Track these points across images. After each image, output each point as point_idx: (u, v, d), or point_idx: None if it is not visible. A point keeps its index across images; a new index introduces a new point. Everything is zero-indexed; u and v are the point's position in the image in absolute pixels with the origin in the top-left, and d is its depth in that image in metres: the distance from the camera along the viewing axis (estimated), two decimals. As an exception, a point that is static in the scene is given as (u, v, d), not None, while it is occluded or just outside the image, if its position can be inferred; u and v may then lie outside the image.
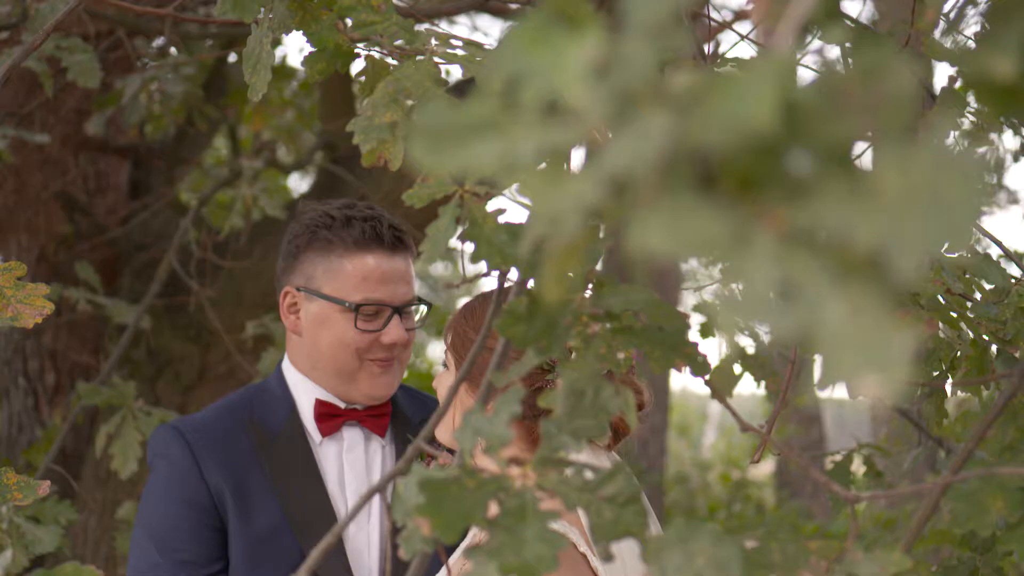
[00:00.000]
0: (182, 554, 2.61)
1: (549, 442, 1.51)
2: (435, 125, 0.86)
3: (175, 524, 2.64)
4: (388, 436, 2.81)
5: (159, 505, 2.67)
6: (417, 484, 1.45)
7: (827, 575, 1.55)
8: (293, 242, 2.80)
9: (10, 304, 2.03)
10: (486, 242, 1.68)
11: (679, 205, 0.80)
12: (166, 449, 2.72)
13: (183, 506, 2.65)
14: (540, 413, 2.19)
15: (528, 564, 1.38)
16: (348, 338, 2.70)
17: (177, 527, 2.63)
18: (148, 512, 2.69)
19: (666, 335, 1.65)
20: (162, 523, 2.65)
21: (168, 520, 2.64)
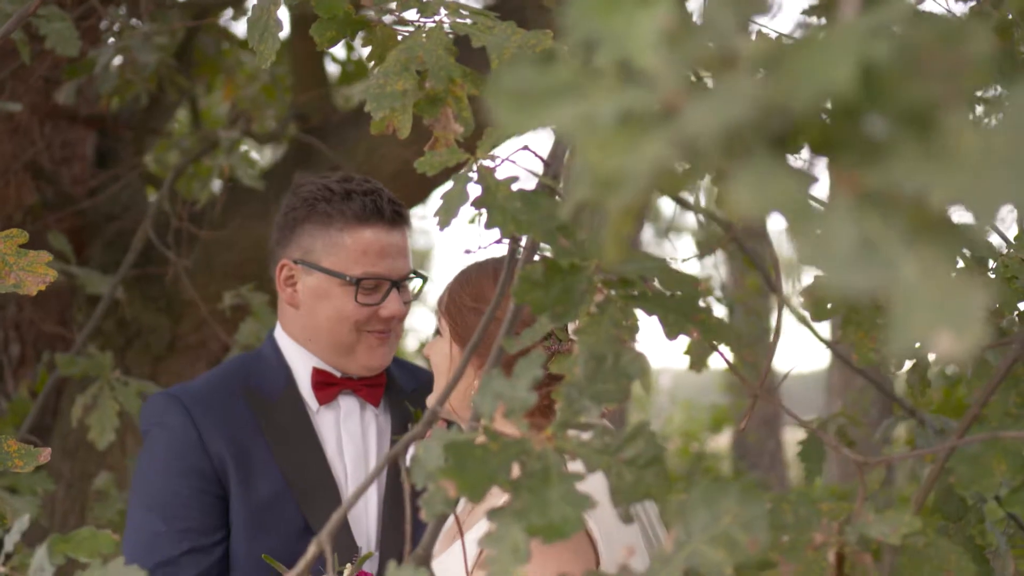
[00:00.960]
0: (185, 522, 2.62)
1: (570, 406, 1.53)
2: (518, 87, 0.87)
3: (177, 492, 2.63)
4: (382, 406, 2.83)
5: (160, 474, 2.67)
6: (443, 447, 1.47)
7: (838, 536, 1.59)
8: (290, 214, 2.79)
9: (12, 271, 2.02)
10: (499, 209, 1.70)
11: (761, 166, 0.82)
12: (164, 417, 2.71)
13: (185, 474, 2.65)
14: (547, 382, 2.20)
15: (554, 525, 1.40)
16: (347, 311, 2.71)
17: (179, 495, 2.63)
18: (147, 481, 2.68)
19: (678, 301, 1.67)
20: (163, 492, 2.64)
21: (170, 489, 2.64)
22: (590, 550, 2.23)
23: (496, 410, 1.53)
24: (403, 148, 4.43)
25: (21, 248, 2.04)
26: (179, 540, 2.60)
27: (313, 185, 2.78)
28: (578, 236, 1.67)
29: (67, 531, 4.74)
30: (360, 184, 2.77)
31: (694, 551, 1.34)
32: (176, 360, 4.82)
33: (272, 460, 2.67)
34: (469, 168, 1.75)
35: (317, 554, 1.54)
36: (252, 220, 4.64)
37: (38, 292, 4.92)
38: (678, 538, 1.36)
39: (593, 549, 2.23)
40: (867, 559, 1.57)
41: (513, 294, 1.63)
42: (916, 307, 0.81)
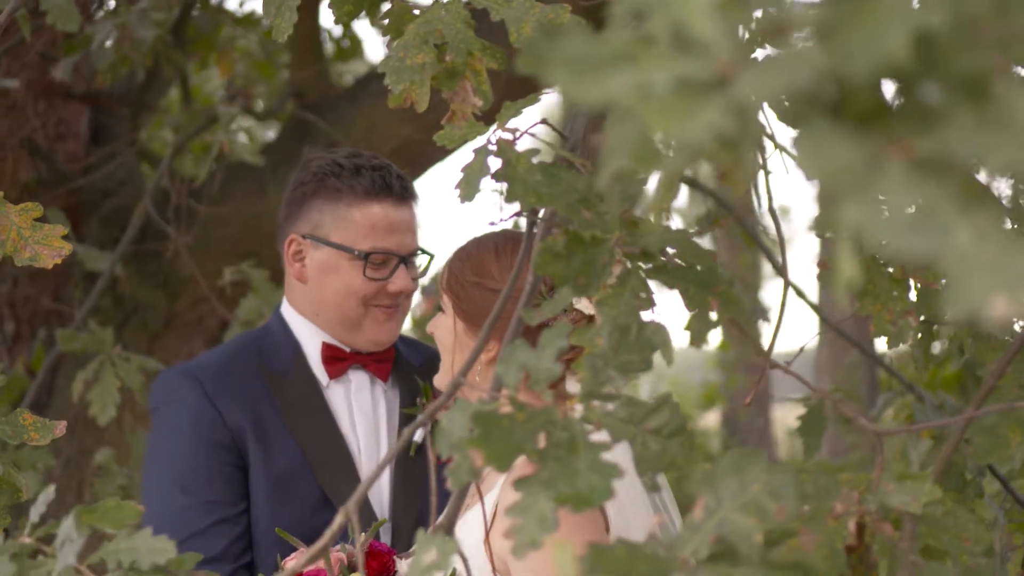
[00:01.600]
0: (210, 494, 2.63)
1: (595, 376, 1.54)
2: (575, 55, 0.88)
3: (199, 465, 2.65)
4: (391, 381, 2.84)
5: (180, 448, 2.68)
6: (469, 417, 1.48)
7: (858, 505, 1.60)
8: (299, 190, 2.80)
9: (28, 245, 2.03)
10: (520, 182, 1.70)
11: (817, 132, 0.83)
12: (178, 393, 2.72)
13: (206, 447, 2.66)
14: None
15: (582, 494, 1.42)
16: (355, 286, 2.73)
17: (201, 468, 2.65)
18: (167, 457, 2.69)
19: (699, 274, 1.69)
20: (185, 466, 2.66)
21: (191, 462, 2.65)
22: (603, 528, 2.24)
23: (520, 380, 1.55)
24: (402, 125, 4.43)
25: (36, 222, 2.04)
26: (206, 512, 2.62)
27: (322, 160, 2.79)
28: (600, 208, 1.68)
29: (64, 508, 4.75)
30: (369, 159, 2.78)
31: (724, 518, 1.36)
32: (173, 337, 4.82)
33: (288, 433, 2.69)
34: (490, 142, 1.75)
35: (344, 524, 1.56)
36: (249, 197, 4.64)
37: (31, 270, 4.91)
38: (707, 506, 1.37)
39: (606, 527, 2.25)
40: (887, 528, 1.58)
41: (534, 266, 1.64)
42: (971, 272, 0.82)
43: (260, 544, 2.65)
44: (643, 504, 2.31)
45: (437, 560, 1.42)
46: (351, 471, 2.69)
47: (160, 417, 2.75)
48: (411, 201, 2.80)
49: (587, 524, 2.19)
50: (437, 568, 1.43)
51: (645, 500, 2.32)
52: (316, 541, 2.42)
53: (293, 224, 2.81)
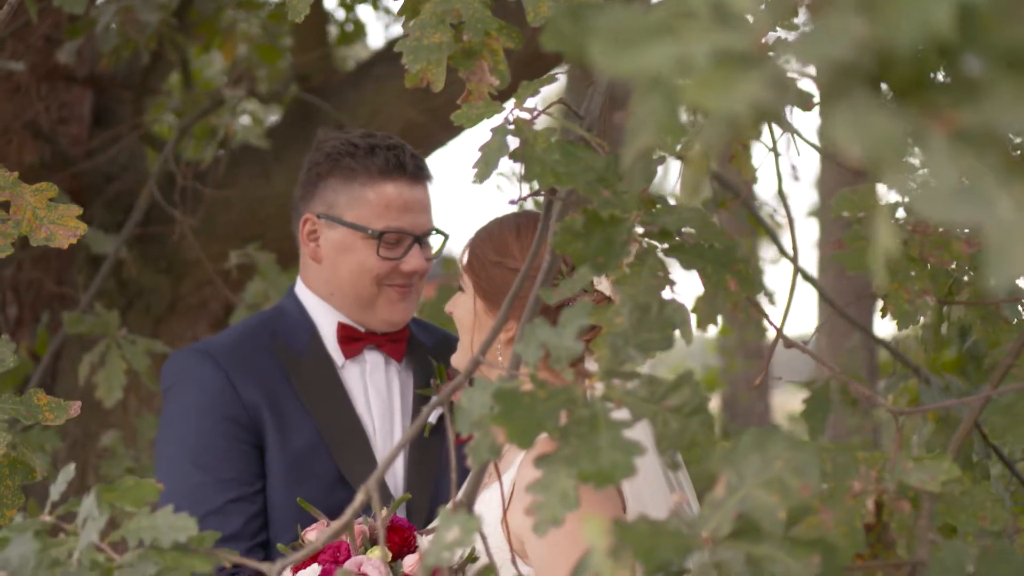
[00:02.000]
0: (227, 472, 2.64)
1: (615, 355, 1.55)
2: (614, 28, 0.88)
3: (215, 443, 2.65)
4: (405, 361, 2.85)
5: (196, 426, 2.68)
6: (491, 395, 1.49)
7: (877, 484, 1.61)
8: (314, 169, 2.81)
9: (43, 225, 2.03)
10: (538, 161, 1.70)
11: (858, 105, 0.83)
12: (193, 372, 2.73)
13: (223, 425, 2.66)
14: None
15: (604, 470, 1.42)
16: (369, 265, 2.73)
17: (217, 446, 2.65)
18: (183, 435, 2.69)
19: (717, 253, 1.69)
20: (202, 443, 2.66)
21: (208, 440, 2.66)
22: (620, 508, 2.25)
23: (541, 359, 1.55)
24: (407, 107, 4.43)
25: (51, 201, 2.04)
26: (223, 489, 2.62)
27: (337, 140, 2.79)
28: (618, 187, 1.68)
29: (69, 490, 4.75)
30: (383, 139, 2.79)
31: (747, 495, 1.36)
32: (177, 321, 4.83)
33: (304, 412, 2.70)
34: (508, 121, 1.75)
35: (365, 502, 1.56)
36: (253, 180, 4.64)
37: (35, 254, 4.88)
38: (729, 483, 1.38)
39: (623, 508, 2.25)
40: (905, 506, 1.59)
41: (554, 245, 1.64)
42: (1013, 242, 0.83)
43: (276, 522, 2.66)
44: (660, 484, 2.32)
45: (460, 537, 1.42)
46: (366, 450, 2.70)
47: (173, 396, 2.75)
48: (425, 181, 2.80)
49: (606, 504, 2.19)
50: (460, 544, 1.43)
51: (662, 480, 2.33)
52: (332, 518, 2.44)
53: (308, 204, 2.82)
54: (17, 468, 2.11)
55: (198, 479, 2.62)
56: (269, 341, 2.78)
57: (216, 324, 4.90)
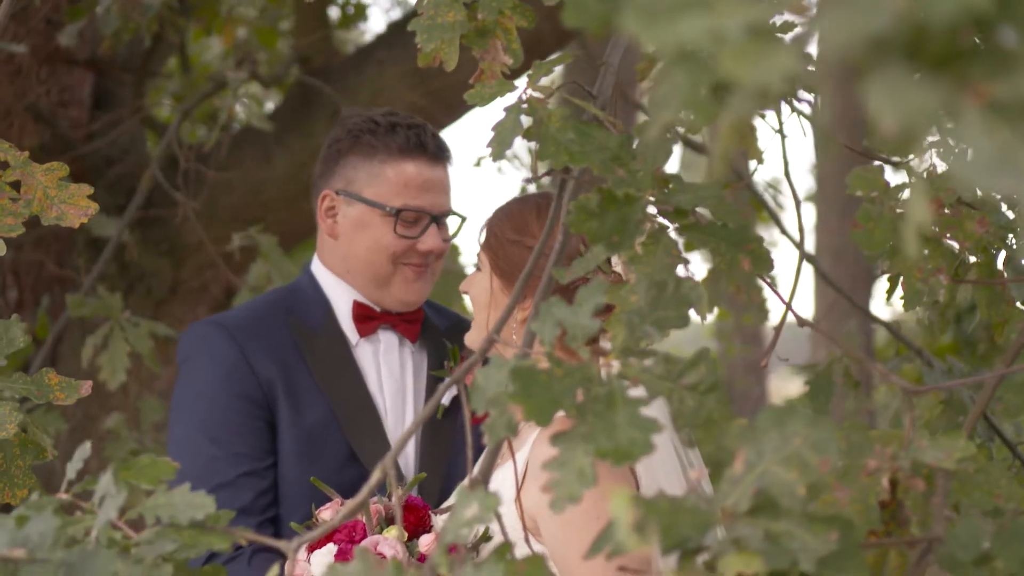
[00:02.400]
0: (238, 446, 2.65)
1: (632, 332, 1.55)
2: (650, 1, 0.88)
3: (228, 418, 2.66)
4: (419, 342, 2.85)
5: (209, 400, 2.69)
6: (508, 372, 1.49)
7: (891, 462, 1.61)
8: (334, 146, 2.82)
9: (54, 205, 2.03)
10: (552, 140, 1.70)
11: (895, 76, 0.83)
12: (209, 345, 2.74)
13: (236, 399, 2.67)
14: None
15: (622, 447, 1.42)
16: (385, 242, 2.73)
17: (231, 420, 2.66)
18: (196, 408, 2.71)
19: (731, 232, 1.69)
20: (214, 417, 2.67)
21: (221, 414, 2.67)
22: (633, 488, 2.25)
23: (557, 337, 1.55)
24: (408, 90, 4.43)
25: (62, 181, 2.04)
26: (235, 463, 2.63)
27: (358, 117, 2.80)
28: (632, 166, 1.69)
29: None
30: (405, 118, 2.80)
31: (765, 472, 1.36)
32: (178, 304, 4.82)
33: (317, 389, 2.71)
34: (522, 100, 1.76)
35: (382, 479, 1.56)
36: (254, 163, 4.63)
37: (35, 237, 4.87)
38: (748, 459, 1.38)
39: (636, 487, 2.26)
40: (920, 484, 1.59)
41: (569, 224, 1.64)
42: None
43: (287, 499, 2.67)
44: (673, 463, 2.32)
45: (479, 514, 1.43)
46: (378, 429, 2.71)
47: (189, 368, 2.77)
48: (445, 162, 2.81)
49: (619, 483, 2.20)
50: (478, 521, 1.43)
51: (675, 460, 2.33)
52: (343, 496, 2.45)
53: (327, 180, 2.83)
54: (28, 448, 2.11)
55: (211, 452, 2.63)
56: (285, 317, 2.79)
57: (217, 307, 4.90)
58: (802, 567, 1.33)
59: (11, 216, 1.97)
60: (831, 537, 1.34)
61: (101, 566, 1.42)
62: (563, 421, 1.48)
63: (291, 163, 4.65)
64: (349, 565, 1.43)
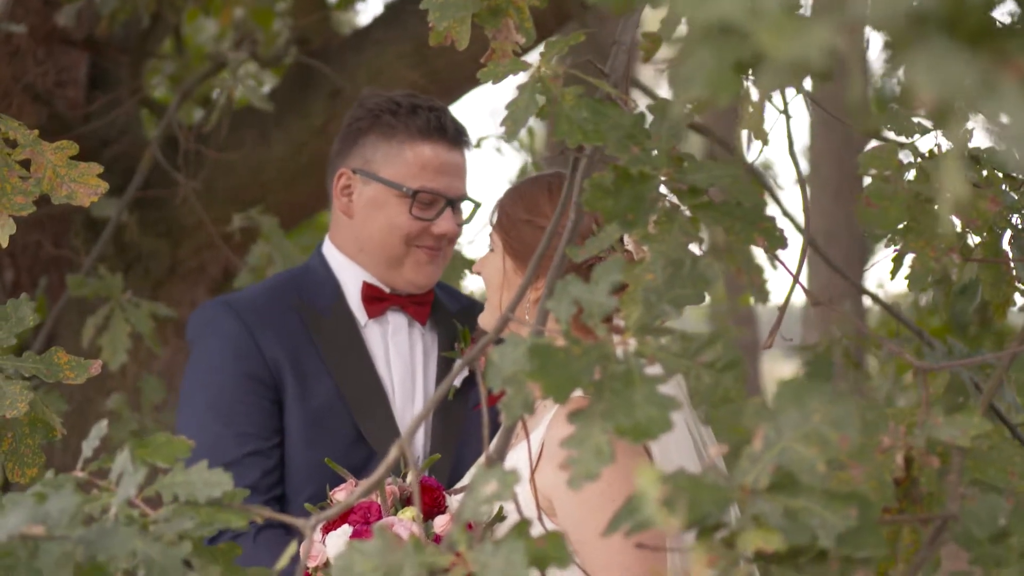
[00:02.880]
0: (245, 426, 2.66)
1: (649, 310, 1.55)
2: (688, -26, 0.88)
3: (235, 397, 2.67)
4: (428, 324, 2.85)
5: (217, 379, 2.70)
6: (526, 350, 1.49)
7: (905, 439, 1.62)
8: (354, 125, 2.82)
9: (64, 183, 2.02)
10: (567, 119, 1.70)
11: (937, 50, 0.84)
12: (217, 325, 2.74)
13: (243, 379, 2.68)
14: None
15: (640, 425, 1.43)
16: (400, 223, 2.74)
17: (238, 399, 2.67)
18: (204, 386, 2.71)
19: (745, 211, 1.69)
20: (222, 396, 2.68)
21: (228, 393, 2.68)
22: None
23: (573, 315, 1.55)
24: (408, 70, 4.41)
25: (71, 160, 2.04)
26: (241, 442, 2.64)
27: (380, 98, 2.81)
28: (647, 145, 1.69)
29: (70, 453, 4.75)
30: (426, 101, 2.80)
31: (785, 448, 1.37)
32: (176, 285, 4.81)
33: (325, 369, 2.71)
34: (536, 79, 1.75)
35: (398, 457, 1.56)
36: (252, 144, 4.62)
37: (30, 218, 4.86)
38: (767, 436, 1.38)
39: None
40: (934, 461, 1.60)
41: (583, 202, 1.64)
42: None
43: (292, 478, 2.68)
44: (686, 441, 2.33)
45: (498, 491, 1.43)
46: (386, 410, 2.71)
47: (198, 348, 2.78)
48: (464, 146, 2.82)
49: (636, 461, 2.20)
50: (497, 498, 1.44)
51: (688, 438, 2.34)
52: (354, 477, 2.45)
53: (344, 158, 2.83)
54: (37, 427, 2.11)
55: (218, 431, 2.64)
56: (294, 298, 2.80)
57: (215, 288, 4.89)
58: (821, 543, 1.34)
59: (21, 195, 1.96)
60: (850, 513, 1.34)
61: (120, 543, 1.42)
62: (578, 401, 1.49)
63: (289, 144, 4.64)
64: (368, 543, 1.44)
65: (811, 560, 1.38)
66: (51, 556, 1.41)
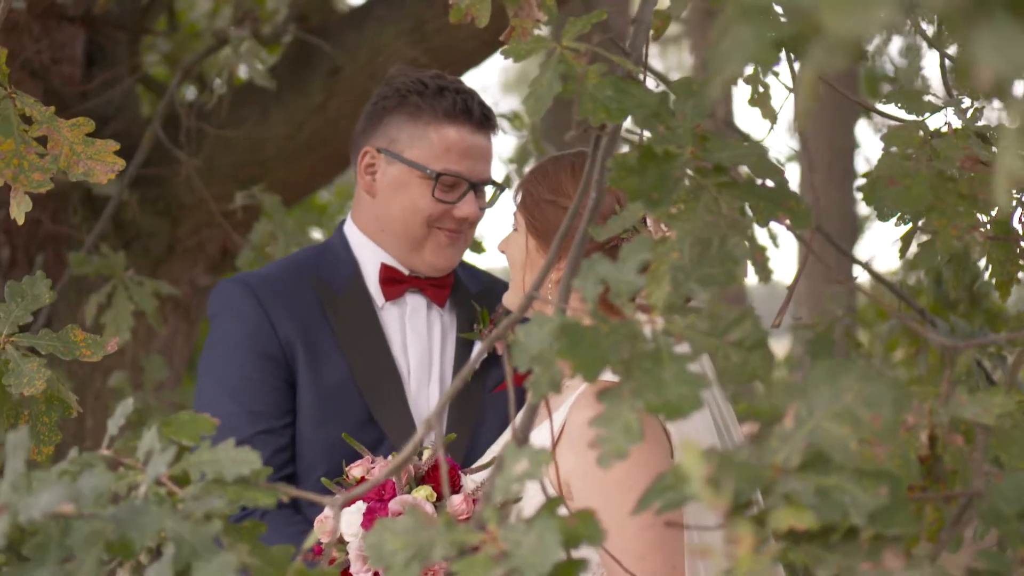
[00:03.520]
0: (256, 405, 2.66)
1: (676, 289, 1.55)
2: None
3: (248, 376, 2.67)
4: (448, 306, 2.85)
5: (231, 357, 2.71)
6: (555, 329, 1.49)
7: (930, 417, 1.62)
8: (380, 103, 2.81)
9: (81, 160, 2.01)
10: (590, 97, 1.70)
11: (1002, 29, 0.84)
12: (233, 303, 2.75)
13: (256, 358, 2.69)
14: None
15: (671, 403, 1.43)
16: (422, 205, 2.73)
17: (250, 379, 2.67)
18: (218, 364, 2.72)
19: (769, 189, 1.69)
20: (235, 375, 2.68)
21: (241, 372, 2.68)
22: (668, 450, 2.26)
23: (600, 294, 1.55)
24: (409, 47, 4.40)
25: (88, 137, 2.03)
26: (252, 421, 2.65)
27: (407, 77, 2.80)
28: (671, 123, 1.68)
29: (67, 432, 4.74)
30: (454, 83, 2.80)
31: (816, 427, 1.37)
32: (175, 263, 4.80)
33: (338, 349, 2.71)
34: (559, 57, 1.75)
35: (424, 437, 1.57)
36: (251, 122, 4.60)
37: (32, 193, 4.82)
38: (799, 415, 1.39)
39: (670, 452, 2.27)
40: (958, 439, 1.61)
41: (609, 181, 1.64)
42: None
43: (303, 458, 2.68)
44: (707, 422, 2.33)
45: (529, 469, 1.43)
46: (398, 392, 2.71)
47: (216, 325, 2.79)
48: (490, 130, 2.81)
49: (656, 448, 2.21)
50: (529, 477, 1.44)
51: (708, 418, 2.34)
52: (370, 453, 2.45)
53: (369, 137, 2.82)
54: (54, 404, 2.10)
55: (231, 409, 2.65)
56: (312, 276, 2.80)
57: (214, 267, 4.88)
58: (852, 521, 1.35)
59: (39, 171, 1.96)
60: (882, 491, 1.35)
61: (152, 522, 1.42)
62: (601, 384, 1.49)
63: (288, 122, 4.62)
64: (399, 521, 1.44)
65: (841, 538, 1.39)
66: (81, 534, 1.40)
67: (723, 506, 1.21)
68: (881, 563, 1.37)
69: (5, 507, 1.36)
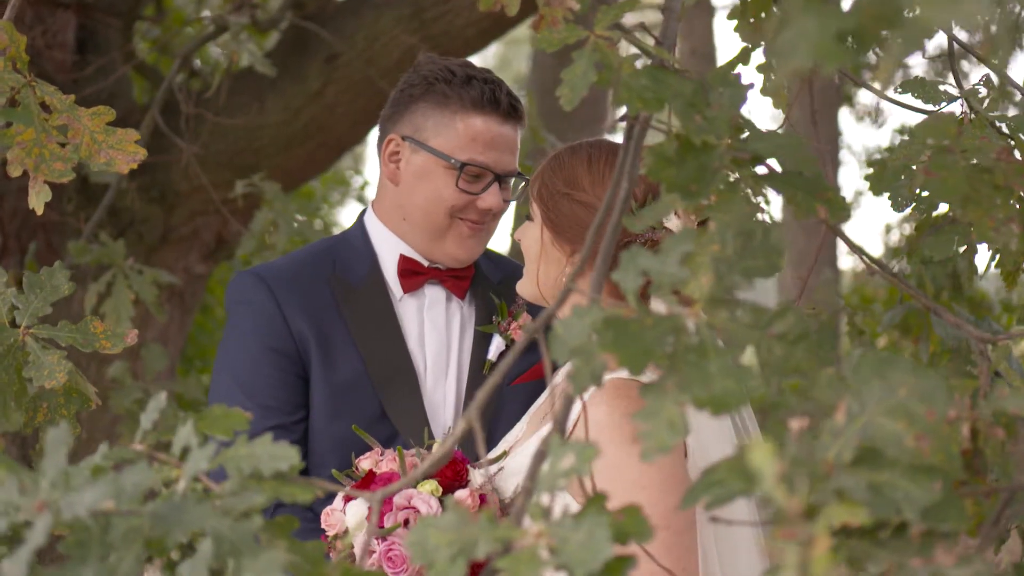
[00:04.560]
0: (268, 400, 2.63)
1: (720, 281, 1.53)
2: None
3: (260, 370, 2.65)
4: (468, 298, 2.82)
5: (244, 351, 2.68)
6: (602, 321, 1.47)
7: (971, 410, 1.61)
8: (407, 91, 2.77)
9: (102, 150, 1.98)
10: (626, 86, 1.68)
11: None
12: (248, 295, 2.72)
13: (268, 353, 2.66)
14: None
15: (717, 396, 1.41)
16: (445, 195, 2.70)
17: (262, 373, 2.64)
18: (232, 358, 2.69)
19: (807, 180, 1.68)
20: (248, 369, 2.66)
21: (253, 366, 2.65)
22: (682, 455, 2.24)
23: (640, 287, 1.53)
24: (407, 34, 4.38)
25: (108, 126, 2.00)
26: (263, 416, 2.62)
27: (435, 65, 2.75)
28: (708, 113, 1.66)
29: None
30: (482, 72, 2.75)
31: (869, 422, 1.36)
32: (169, 251, 4.77)
33: (352, 343, 2.68)
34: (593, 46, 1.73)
35: (466, 431, 1.55)
36: (247, 109, 4.57)
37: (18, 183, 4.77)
38: (850, 410, 1.37)
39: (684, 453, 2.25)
40: (1000, 432, 1.60)
41: (646, 171, 1.62)
42: None
43: (315, 453, 2.66)
44: (726, 432, 2.31)
45: (576, 465, 1.41)
46: (412, 386, 2.68)
47: (231, 319, 2.77)
48: (517, 122, 2.76)
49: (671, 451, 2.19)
50: (576, 472, 1.42)
51: (728, 427, 2.32)
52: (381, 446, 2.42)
53: (395, 125, 2.79)
54: (73, 397, 2.08)
55: (243, 404, 2.63)
56: (329, 269, 2.77)
57: (208, 254, 4.85)
58: (905, 516, 1.33)
59: (60, 161, 1.93)
60: (935, 487, 1.33)
61: (193, 518, 1.40)
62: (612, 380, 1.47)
63: (285, 109, 4.60)
64: (442, 517, 1.42)
65: (891, 534, 1.38)
66: (119, 531, 1.38)
67: (797, 506, 1.19)
68: (932, 559, 1.36)
69: (45, 504, 1.34)
